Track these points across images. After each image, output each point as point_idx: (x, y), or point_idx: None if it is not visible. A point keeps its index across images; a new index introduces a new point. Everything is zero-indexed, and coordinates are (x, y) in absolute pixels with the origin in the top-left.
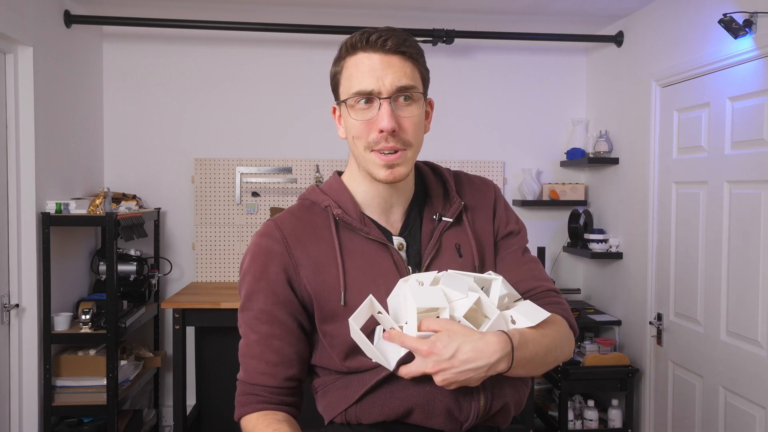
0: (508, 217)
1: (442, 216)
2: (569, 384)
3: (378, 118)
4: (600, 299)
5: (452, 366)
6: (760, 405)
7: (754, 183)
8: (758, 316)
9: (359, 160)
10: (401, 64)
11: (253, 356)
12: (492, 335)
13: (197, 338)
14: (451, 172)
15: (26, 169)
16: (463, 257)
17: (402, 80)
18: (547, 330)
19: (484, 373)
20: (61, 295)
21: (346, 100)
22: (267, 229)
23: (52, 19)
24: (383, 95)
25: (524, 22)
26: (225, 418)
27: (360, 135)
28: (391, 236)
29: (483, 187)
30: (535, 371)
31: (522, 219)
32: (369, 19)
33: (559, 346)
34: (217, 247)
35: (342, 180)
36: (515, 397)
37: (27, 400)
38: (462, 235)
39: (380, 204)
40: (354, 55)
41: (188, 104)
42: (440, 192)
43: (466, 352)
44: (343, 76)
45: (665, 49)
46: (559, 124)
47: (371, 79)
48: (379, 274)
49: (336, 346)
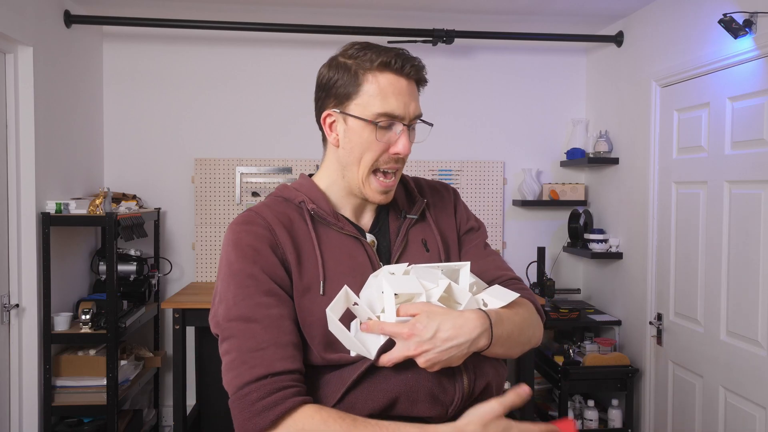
0: (468, 215)
1: (406, 213)
2: (569, 384)
3: (397, 142)
4: (600, 299)
5: (434, 345)
6: (760, 405)
7: (754, 183)
8: (758, 316)
9: (351, 175)
10: (417, 92)
11: (264, 346)
12: (470, 312)
13: (197, 338)
14: (411, 177)
15: (26, 169)
16: (429, 251)
17: (419, 109)
18: (519, 309)
19: (466, 350)
20: (61, 295)
21: (367, 118)
22: (248, 218)
23: (52, 19)
24: (405, 121)
25: (524, 22)
26: (225, 418)
27: (371, 154)
28: (364, 233)
29: (442, 189)
30: (512, 350)
31: (522, 219)
32: (369, 19)
33: (531, 325)
34: (217, 247)
35: (313, 180)
36: (496, 378)
37: (27, 400)
38: (427, 230)
39: (352, 208)
40: (383, 74)
41: (188, 104)
42: (403, 194)
43: (447, 330)
44: (366, 91)
45: (665, 49)
46: (559, 124)
47: (400, 104)
48: (355, 266)
49: (315, 337)
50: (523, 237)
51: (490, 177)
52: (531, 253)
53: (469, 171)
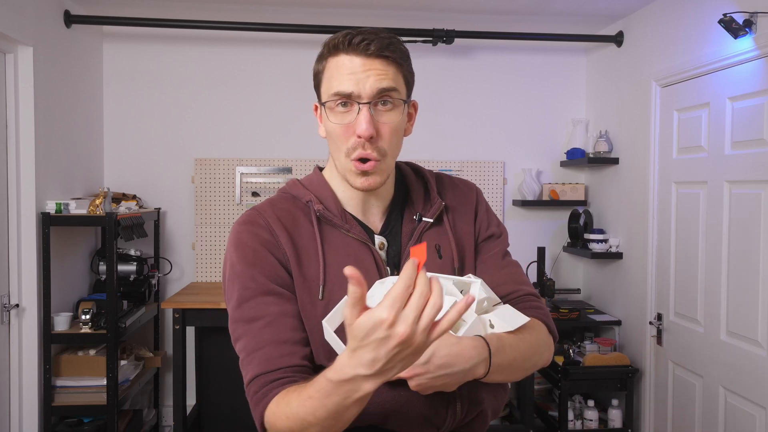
0: (490, 219)
1: (422, 216)
2: (569, 384)
3: (356, 123)
4: (600, 299)
5: (427, 371)
6: (760, 405)
7: (754, 183)
8: (758, 316)
9: (337, 163)
10: (383, 68)
11: (265, 344)
12: (469, 340)
13: (197, 338)
14: (434, 173)
15: (26, 169)
16: (442, 258)
17: (383, 82)
18: (526, 335)
19: (459, 379)
20: (61, 295)
21: (325, 102)
22: (249, 217)
23: (52, 19)
24: (363, 100)
25: (524, 22)
26: (225, 418)
27: (339, 139)
28: (373, 234)
29: (465, 190)
30: (513, 377)
31: (522, 219)
32: (369, 19)
33: (538, 352)
34: (217, 247)
35: (323, 176)
36: (493, 404)
37: (27, 400)
38: (442, 236)
39: (358, 204)
40: (336, 57)
41: (188, 104)
42: (421, 193)
43: (441, 357)
44: (324, 77)
45: (665, 49)
46: (559, 124)
47: (351, 82)
48: (360, 271)
49: (314, 341)
50: (523, 237)
51: (490, 177)
52: (531, 253)
53: (469, 171)
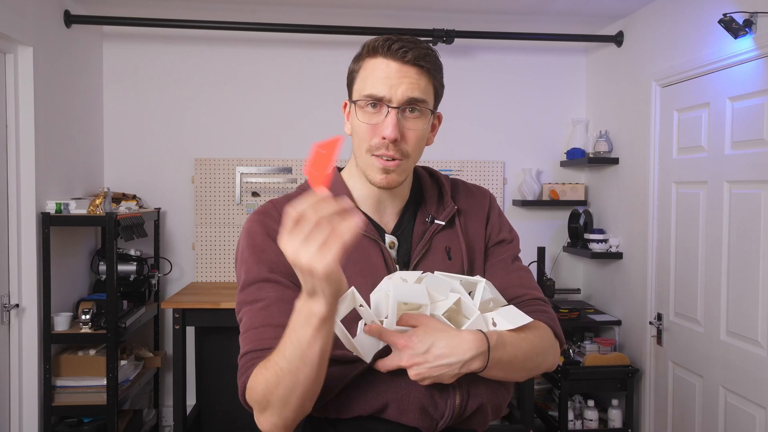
0: (501, 224)
1: (434, 218)
2: (569, 384)
3: (383, 125)
4: (600, 299)
5: (426, 360)
6: (760, 405)
7: (754, 183)
8: (758, 316)
9: (358, 159)
10: (417, 77)
11: (259, 325)
12: (468, 333)
13: (197, 338)
14: (449, 178)
15: (26, 169)
16: (452, 260)
17: (414, 92)
18: (528, 334)
19: (457, 370)
20: (61, 295)
21: (356, 101)
22: (264, 208)
23: (52, 19)
24: (392, 104)
25: (524, 22)
26: (225, 418)
27: (363, 137)
28: (384, 233)
29: (478, 194)
30: (514, 375)
31: (522, 219)
32: (369, 19)
33: (541, 353)
34: (217, 247)
35: (341, 175)
36: (492, 400)
37: (27, 400)
38: (453, 238)
39: (373, 204)
40: (373, 58)
41: (188, 104)
42: (435, 196)
43: (441, 348)
44: (359, 77)
45: (665, 49)
46: (559, 124)
47: (385, 86)
48: (368, 268)
49: None
50: (523, 237)
51: (490, 177)
52: (531, 253)
53: (469, 171)
